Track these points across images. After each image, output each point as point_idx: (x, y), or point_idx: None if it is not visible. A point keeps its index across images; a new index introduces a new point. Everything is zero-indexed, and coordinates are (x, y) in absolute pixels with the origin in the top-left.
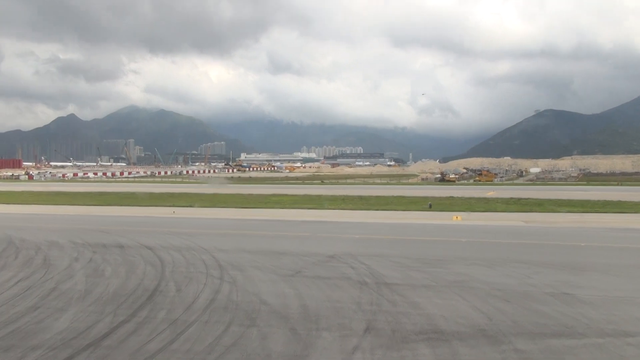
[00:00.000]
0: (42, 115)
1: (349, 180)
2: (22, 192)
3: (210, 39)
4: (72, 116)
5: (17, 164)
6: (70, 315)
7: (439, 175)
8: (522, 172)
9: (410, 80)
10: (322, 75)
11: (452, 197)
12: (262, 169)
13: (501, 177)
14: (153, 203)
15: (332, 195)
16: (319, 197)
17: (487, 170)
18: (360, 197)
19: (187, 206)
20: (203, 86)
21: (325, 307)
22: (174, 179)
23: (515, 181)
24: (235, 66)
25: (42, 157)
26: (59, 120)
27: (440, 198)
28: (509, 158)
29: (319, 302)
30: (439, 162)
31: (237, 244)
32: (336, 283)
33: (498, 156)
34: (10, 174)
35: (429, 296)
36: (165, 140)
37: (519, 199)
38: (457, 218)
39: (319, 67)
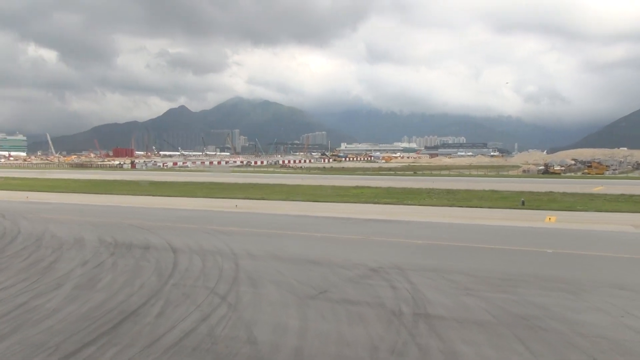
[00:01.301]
0: (154, 107)
1: (443, 172)
2: (113, 181)
3: (309, 30)
4: (182, 107)
5: (129, 153)
6: None
7: (542, 167)
8: (638, 164)
9: (514, 67)
10: (422, 63)
11: (552, 192)
12: (358, 159)
13: (614, 170)
14: (227, 194)
15: (417, 189)
16: (403, 190)
17: (598, 162)
18: (448, 191)
19: (259, 198)
20: (303, 77)
21: (327, 353)
22: (265, 169)
23: (630, 174)
24: (334, 56)
25: (153, 147)
26: (170, 112)
27: (537, 193)
28: (625, 149)
29: (323, 345)
30: (546, 152)
31: (274, 248)
32: (362, 312)
33: (613, 147)
34: (118, 162)
35: (478, 342)
36: (268, 130)
37: (631, 196)
38: (550, 219)
39: (418, 55)
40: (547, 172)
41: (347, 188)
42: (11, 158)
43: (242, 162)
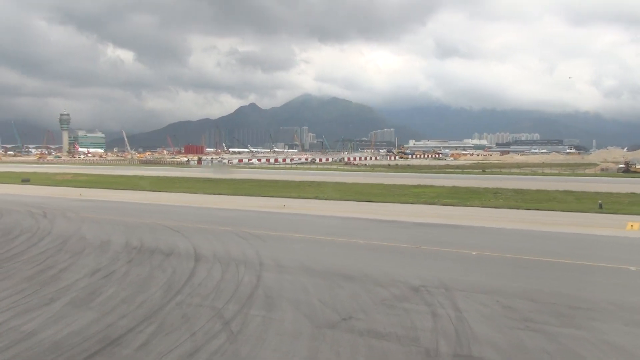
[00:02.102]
0: (226, 105)
1: (513, 170)
2: (174, 178)
3: (376, 26)
4: (252, 105)
5: (200, 150)
6: None
7: (623, 166)
8: None
9: (592, 60)
10: (492, 58)
11: (635, 193)
12: (426, 156)
13: None
14: (280, 193)
15: (484, 188)
16: (467, 189)
17: None
18: (517, 191)
19: (312, 197)
20: (371, 73)
21: None
22: (329, 167)
23: None
24: (402, 52)
25: (223, 144)
26: (241, 109)
27: (617, 195)
28: None
29: None
30: (627, 150)
31: (307, 258)
32: (387, 350)
33: None
34: (186, 159)
35: None
36: (336, 126)
37: None
38: (632, 226)
39: (488, 49)
40: (628, 170)
41: (408, 187)
42: (89, 154)
43: (307, 159)
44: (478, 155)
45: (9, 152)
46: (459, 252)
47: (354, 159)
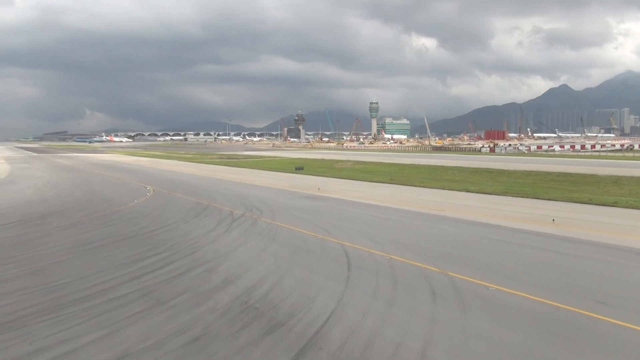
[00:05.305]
0: (534, 87)
1: None
2: (450, 168)
3: None
4: (564, 86)
5: (501, 136)
6: None
7: None
8: None
9: None
10: None
11: None
12: None
13: None
14: (564, 194)
15: None
16: None
17: None
18: None
19: (610, 203)
20: None
21: None
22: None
23: None
24: None
25: (528, 129)
26: (551, 91)
27: None
28: None
29: None
30: None
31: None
32: None
33: None
34: (481, 145)
35: None
36: None
37: None
38: None
39: None
40: None
41: None
42: (392, 140)
43: (622, 145)
44: None
45: (324, 139)
46: None
47: None
